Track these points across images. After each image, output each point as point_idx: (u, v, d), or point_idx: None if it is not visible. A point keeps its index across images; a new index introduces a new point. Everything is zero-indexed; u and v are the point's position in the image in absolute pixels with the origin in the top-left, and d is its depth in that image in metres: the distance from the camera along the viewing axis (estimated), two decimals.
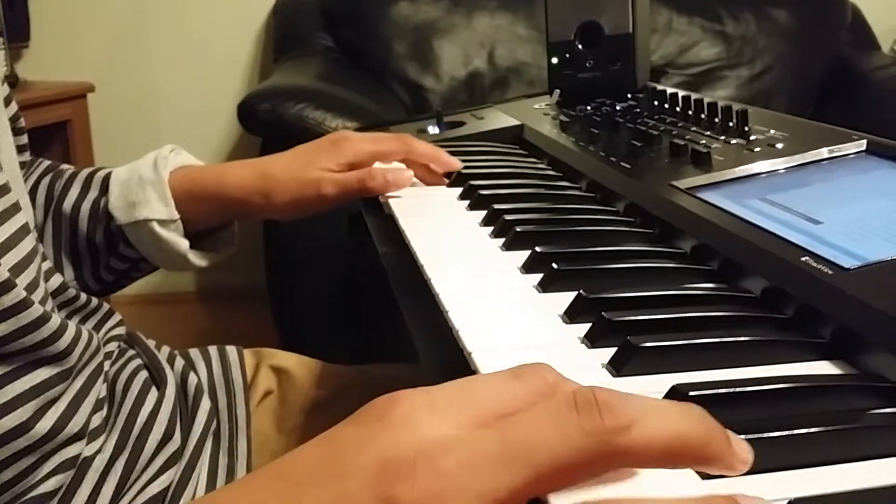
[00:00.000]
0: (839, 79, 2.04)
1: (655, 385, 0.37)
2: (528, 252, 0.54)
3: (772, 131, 0.72)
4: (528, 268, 0.53)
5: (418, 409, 0.30)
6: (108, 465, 0.55)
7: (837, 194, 0.58)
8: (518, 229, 0.58)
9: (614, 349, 0.40)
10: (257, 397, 0.71)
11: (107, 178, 0.71)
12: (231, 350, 0.73)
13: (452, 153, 0.79)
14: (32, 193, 0.71)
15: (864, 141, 0.65)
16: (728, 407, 0.34)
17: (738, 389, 0.36)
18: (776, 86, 2.03)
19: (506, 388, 0.31)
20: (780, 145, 0.68)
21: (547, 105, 1.00)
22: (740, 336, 0.41)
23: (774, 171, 0.64)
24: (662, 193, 0.62)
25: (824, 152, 0.65)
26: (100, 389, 0.58)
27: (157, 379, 0.64)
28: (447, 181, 0.75)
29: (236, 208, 0.72)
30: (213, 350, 0.73)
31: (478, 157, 0.81)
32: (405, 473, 0.28)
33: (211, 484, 0.59)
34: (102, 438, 0.56)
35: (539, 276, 0.51)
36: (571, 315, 0.46)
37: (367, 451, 0.29)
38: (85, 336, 0.55)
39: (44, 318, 0.49)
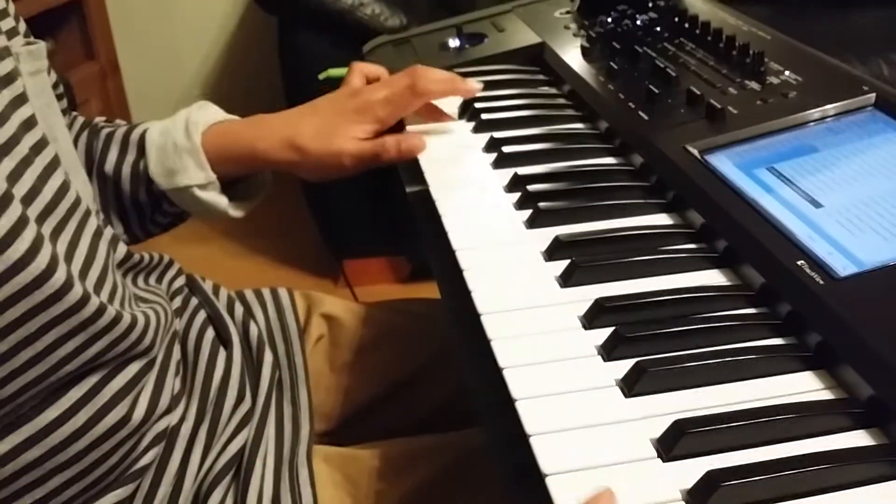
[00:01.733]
0: None
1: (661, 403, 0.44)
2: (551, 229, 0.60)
3: (787, 73, 0.74)
4: (550, 254, 0.59)
5: None
6: (193, 433, 0.63)
7: (842, 166, 0.62)
8: (541, 206, 0.63)
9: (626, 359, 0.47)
10: (311, 343, 0.78)
11: (142, 140, 0.75)
12: (283, 294, 0.80)
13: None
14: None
15: (873, 95, 0.68)
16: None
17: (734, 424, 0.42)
18: None
19: None
20: (792, 94, 0.71)
21: (568, 13, 1.00)
22: (731, 348, 0.47)
23: (785, 130, 0.67)
24: (675, 159, 0.65)
25: (832, 109, 0.67)
26: (177, 355, 0.66)
27: (222, 336, 0.72)
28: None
29: (266, 170, 0.78)
30: (266, 294, 0.80)
31: (498, 97, 0.84)
32: None
33: (279, 437, 0.68)
34: (183, 405, 0.64)
35: (561, 264, 0.57)
36: (590, 319, 0.51)
37: None
38: (162, 318, 0.61)
39: (132, 325, 0.55)
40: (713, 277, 0.56)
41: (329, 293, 0.86)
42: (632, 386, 0.46)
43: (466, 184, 0.70)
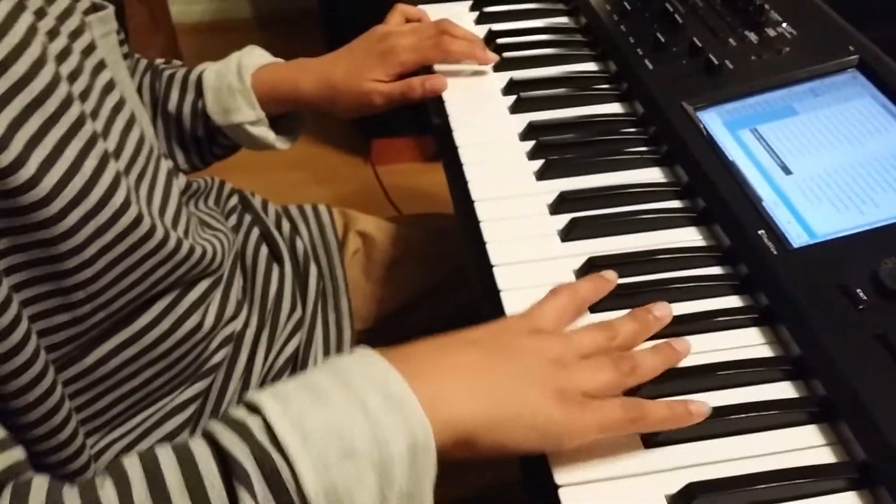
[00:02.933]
0: None
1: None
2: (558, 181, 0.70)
3: (784, 25, 0.81)
4: (554, 209, 0.69)
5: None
6: (256, 337, 0.76)
7: (815, 131, 0.70)
8: (552, 157, 0.72)
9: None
10: (348, 256, 0.90)
11: (199, 82, 0.84)
12: (323, 211, 0.92)
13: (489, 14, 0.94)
14: (139, 94, 0.84)
15: (857, 57, 0.75)
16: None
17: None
18: None
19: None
20: (785, 50, 0.78)
21: None
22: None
23: (773, 88, 0.75)
24: (670, 114, 0.74)
25: (817, 70, 0.74)
26: (238, 271, 0.78)
27: (275, 253, 0.84)
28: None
29: (307, 108, 0.87)
30: (308, 210, 0.92)
31: (520, 31, 0.91)
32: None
33: (326, 339, 0.81)
34: (245, 313, 0.77)
35: (565, 218, 0.67)
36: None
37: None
38: (226, 244, 0.73)
39: (203, 254, 0.67)
40: (691, 235, 0.66)
41: (359, 170, 0.96)
42: None
43: (485, 130, 0.79)
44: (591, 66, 0.87)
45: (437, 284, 0.90)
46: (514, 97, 0.82)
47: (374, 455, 0.42)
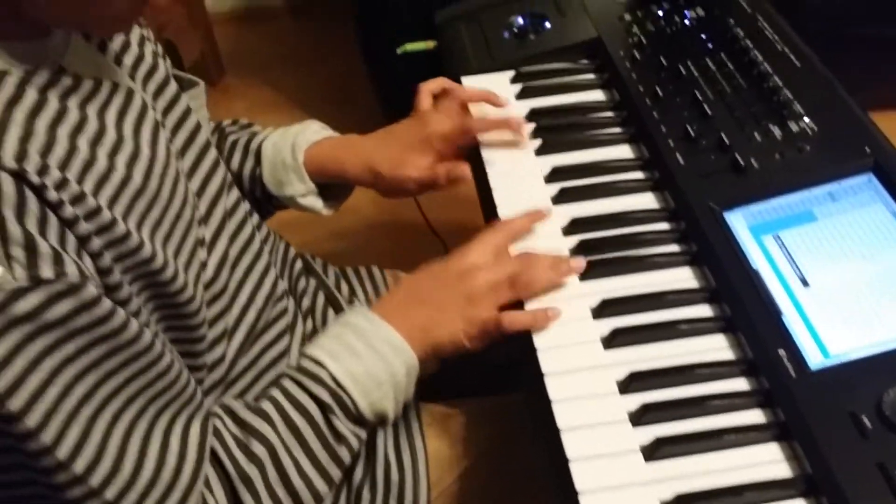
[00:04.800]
0: None
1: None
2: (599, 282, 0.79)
3: (806, 119, 0.87)
4: (596, 314, 0.77)
5: None
6: None
7: (832, 241, 0.77)
8: (592, 259, 0.81)
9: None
10: None
11: (258, 152, 0.94)
12: (376, 272, 1.02)
13: (529, 89, 1.01)
14: None
15: (872, 159, 0.81)
16: None
17: None
18: None
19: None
20: (806, 148, 0.84)
21: None
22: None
23: (794, 189, 0.82)
24: (699, 214, 0.81)
25: (835, 171, 0.81)
26: (309, 332, 0.91)
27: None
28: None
29: (351, 183, 0.98)
30: (363, 272, 1.02)
31: (557, 109, 0.98)
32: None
33: None
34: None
35: (608, 324, 0.75)
36: (625, 385, 0.71)
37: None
38: (297, 308, 0.87)
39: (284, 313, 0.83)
40: (718, 343, 0.74)
41: None
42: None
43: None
44: (625, 151, 0.94)
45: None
46: (556, 186, 0.89)
47: (391, 381, 0.74)
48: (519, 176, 0.93)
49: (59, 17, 0.59)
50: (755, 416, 0.69)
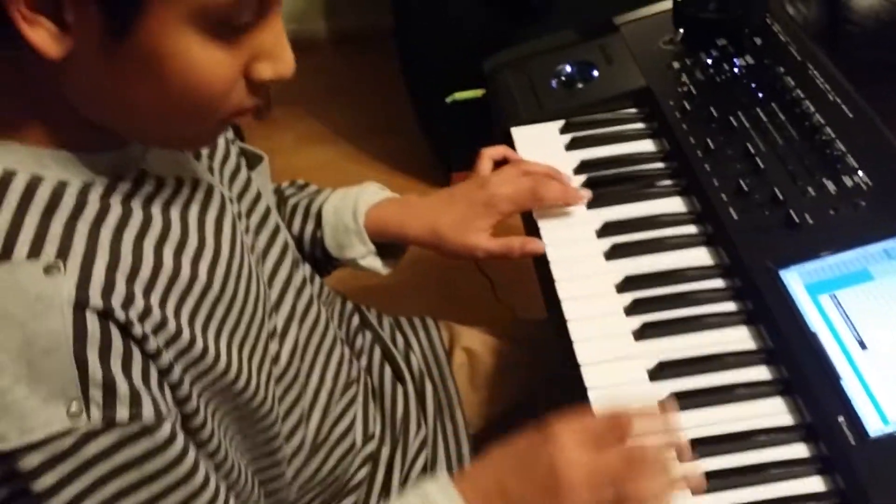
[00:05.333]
0: None
1: None
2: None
3: (860, 173, 0.87)
4: (653, 376, 0.78)
5: None
6: (391, 455, 0.89)
7: (890, 302, 0.77)
8: (647, 321, 0.81)
9: None
10: (455, 368, 1.02)
11: (319, 215, 0.96)
12: (431, 325, 1.04)
13: (579, 140, 1.01)
14: None
15: None
16: None
17: None
18: None
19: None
20: (861, 204, 0.84)
21: (671, 43, 1.10)
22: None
23: (850, 247, 0.81)
24: (754, 274, 0.81)
25: (891, 229, 0.81)
26: (369, 391, 0.92)
27: (398, 373, 0.97)
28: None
29: (412, 244, 0.98)
30: (417, 323, 1.04)
31: (608, 161, 0.99)
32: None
33: (447, 450, 0.94)
34: (379, 432, 0.90)
35: (665, 387, 0.76)
36: None
37: None
38: (356, 363, 0.87)
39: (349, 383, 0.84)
40: (777, 408, 0.74)
41: None
42: None
43: (584, 278, 0.88)
44: (677, 204, 0.94)
45: (528, 395, 1.01)
46: (608, 241, 0.90)
47: None
48: (570, 229, 0.94)
49: (143, 139, 0.60)
50: (815, 484, 0.69)
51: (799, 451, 0.71)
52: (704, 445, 0.72)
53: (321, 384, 0.81)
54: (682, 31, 1.11)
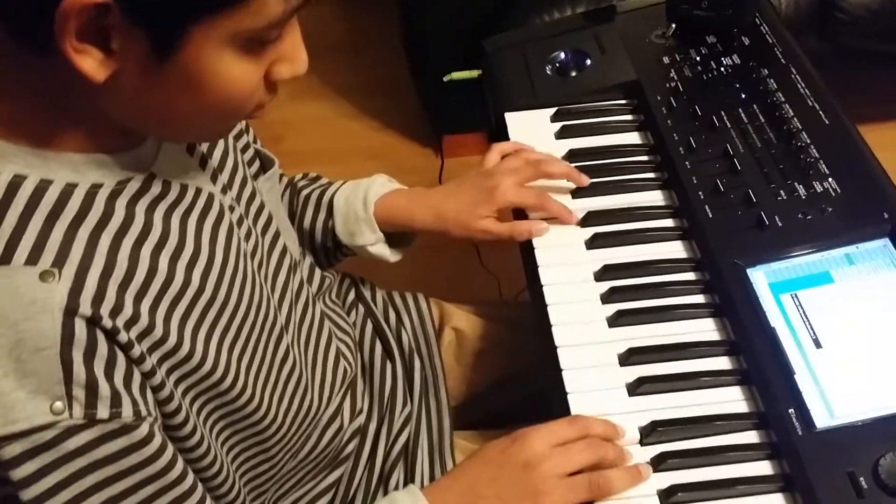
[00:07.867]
0: None
1: None
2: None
3: (830, 180, 0.93)
4: (623, 361, 0.84)
5: None
6: (377, 430, 0.96)
7: (847, 303, 0.83)
8: (621, 308, 0.88)
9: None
10: (443, 346, 1.08)
11: (330, 205, 1.01)
12: (422, 301, 1.10)
13: (568, 128, 1.06)
14: None
15: (889, 225, 0.87)
16: None
17: None
18: None
19: None
20: (828, 210, 0.90)
21: (663, 37, 1.15)
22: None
23: (814, 250, 0.88)
24: (724, 270, 0.87)
25: (854, 235, 0.87)
26: (360, 367, 0.97)
27: (388, 349, 1.03)
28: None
29: (419, 233, 1.04)
30: (409, 299, 1.10)
31: (595, 151, 1.05)
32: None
33: (429, 427, 0.99)
34: (367, 407, 0.96)
35: (633, 370, 0.83)
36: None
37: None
38: (353, 347, 0.94)
39: (346, 375, 0.89)
40: (735, 396, 0.81)
41: (430, 161, 1.12)
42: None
43: (565, 267, 0.94)
44: (657, 197, 1.00)
45: (512, 373, 1.08)
46: (590, 230, 0.96)
47: None
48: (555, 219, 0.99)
49: (173, 138, 0.64)
50: (764, 468, 0.76)
51: (751, 437, 0.78)
52: (667, 427, 0.78)
53: (321, 381, 0.86)
54: (673, 25, 1.15)
